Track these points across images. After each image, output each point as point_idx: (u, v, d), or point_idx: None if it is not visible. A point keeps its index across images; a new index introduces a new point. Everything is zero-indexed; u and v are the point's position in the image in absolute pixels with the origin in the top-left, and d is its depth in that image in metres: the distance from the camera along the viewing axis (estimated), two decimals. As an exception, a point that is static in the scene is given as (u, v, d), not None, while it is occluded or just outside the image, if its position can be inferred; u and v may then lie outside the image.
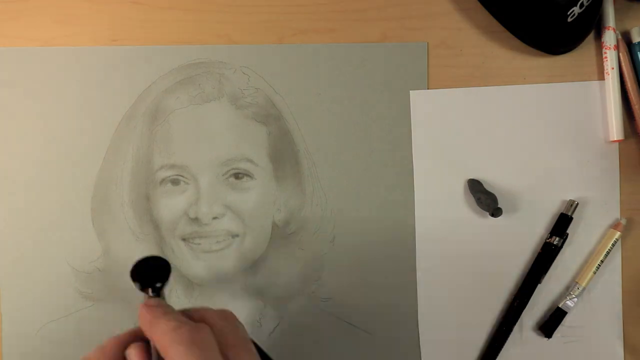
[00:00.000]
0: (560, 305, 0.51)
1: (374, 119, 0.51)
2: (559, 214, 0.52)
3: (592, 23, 0.51)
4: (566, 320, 0.51)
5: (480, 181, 0.51)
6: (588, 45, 0.52)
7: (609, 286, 0.52)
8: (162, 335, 0.32)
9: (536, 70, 0.52)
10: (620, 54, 0.51)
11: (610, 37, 0.51)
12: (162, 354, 0.32)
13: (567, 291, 0.52)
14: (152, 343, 0.34)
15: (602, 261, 0.51)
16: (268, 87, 0.51)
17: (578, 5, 0.48)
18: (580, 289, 0.51)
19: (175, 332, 0.32)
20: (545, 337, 0.51)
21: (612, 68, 0.51)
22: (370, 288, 0.51)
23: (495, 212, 0.50)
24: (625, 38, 0.52)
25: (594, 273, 0.51)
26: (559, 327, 0.51)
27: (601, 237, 0.52)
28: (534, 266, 0.51)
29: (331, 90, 0.51)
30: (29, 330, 0.50)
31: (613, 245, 0.51)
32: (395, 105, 0.52)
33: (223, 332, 0.34)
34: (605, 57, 0.51)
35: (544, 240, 0.51)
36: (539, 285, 0.51)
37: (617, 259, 0.52)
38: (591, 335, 0.52)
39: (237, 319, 0.36)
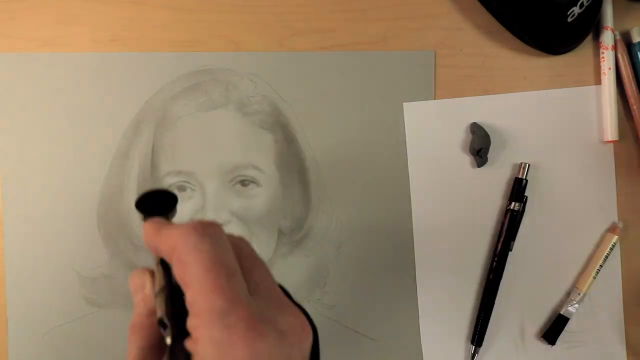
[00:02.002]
0: (562, 312, 0.51)
1: (380, 128, 0.51)
2: (559, 218, 0.52)
3: (592, 23, 0.51)
4: (568, 326, 0.51)
5: (483, 126, 0.51)
6: (588, 45, 0.53)
7: (609, 289, 0.52)
8: (167, 238, 0.28)
9: (536, 70, 0.52)
10: (619, 54, 0.51)
11: (608, 37, 0.51)
12: (170, 260, 0.28)
13: (567, 297, 0.52)
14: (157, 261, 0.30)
15: (601, 266, 0.51)
16: (275, 95, 0.51)
17: (578, 5, 0.48)
18: (581, 294, 0.51)
19: (183, 228, 0.28)
20: (549, 344, 0.51)
21: (609, 68, 0.51)
22: (375, 295, 0.51)
23: (480, 152, 0.51)
24: (625, 38, 0.52)
25: (594, 278, 0.51)
26: (562, 333, 0.51)
27: (599, 240, 0.52)
28: (501, 235, 0.51)
29: (338, 98, 0.51)
30: (34, 335, 0.50)
31: (611, 249, 0.51)
32: (402, 114, 0.52)
33: (238, 244, 0.30)
34: (603, 57, 0.52)
35: (505, 208, 0.51)
36: (539, 289, 0.52)
37: (616, 261, 0.52)
38: (593, 340, 0.52)
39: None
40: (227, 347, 0.24)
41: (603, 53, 0.52)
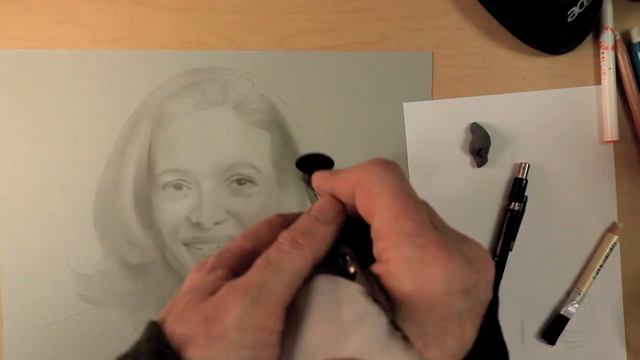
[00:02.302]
0: (561, 312, 0.51)
1: (377, 128, 0.51)
2: (559, 218, 0.52)
3: (592, 23, 0.51)
4: (568, 326, 0.51)
5: (483, 126, 0.51)
6: (588, 45, 0.52)
7: (609, 289, 0.52)
8: (348, 175, 0.30)
9: (536, 70, 0.52)
10: (619, 54, 0.51)
11: (608, 37, 0.51)
12: (349, 195, 0.29)
13: (567, 297, 0.52)
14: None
15: (601, 265, 0.51)
16: (272, 94, 0.51)
17: (578, 5, 0.48)
18: (581, 294, 0.51)
19: (366, 166, 0.29)
20: (549, 344, 0.51)
21: (609, 68, 0.51)
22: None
23: (480, 152, 0.51)
24: (625, 38, 0.52)
25: (594, 278, 0.51)
26: (562, 333, 0.51)
27: (599, 240, 0.52)
28: (501, 235, 0.51)
29: (335, 98, 0.51)
30: (30, 332, 0.50)
31: (611, 249, 0.51)
32: (399, 115, 0.52)
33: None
34: (603, 57, 0.52)
35: (505, 208, 0.51)
36: (539, 289, 0.52)
37: (616, 261, 0.52)
38: (594, 340, 0.52)
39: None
40: (420, 265, 0.25)
41: (603, 53, 0.51)
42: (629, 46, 0.52)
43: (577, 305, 0.51)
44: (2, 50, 0.50)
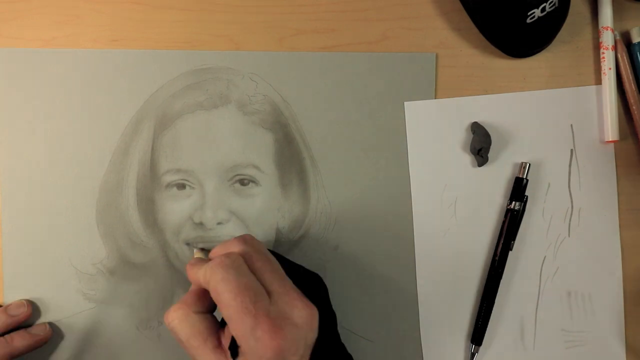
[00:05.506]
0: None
1: (380, 129, 0.51)
2: (559, 218, 0.52)
3: (554, 31, 0.50)
4: (568, 326, 0.51)
5: (483, 126, 0.51)
6: (588, 45, 0.52)
7: (609, 289, 0.52)
8: (199, 273, 0.37)
9: (536, 70, 0.52)
10: (619, 55, 0.51)
11: (608, 38, 0.51)
12: (210, 291, 0.37)
13: (568, 297, 0.52)
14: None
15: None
16: (276, 94, 0.51)
17: (539, 8, 0.48)
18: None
19: (209, 267, 0.36)
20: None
21: (610, 68, 0.51)
22: (373, 296, 0.51)
23: (481, 152, 0.51)
24: (625, 38, 0.52)
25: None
26: (562, 333, 0.51)
27: (600, 240, 0.52)
28: (501, 234, 0.51)
29: (339, 99, 0.51)
30: (32, 331, 0.50)
31: (611, 249, 0.51)
32: (402, 116, 0.52)
33: (248, 255, 0.38)
34: (603, 58, 0.52)
35: (505, 207, 0.51)
36: (539, 289, 0.52)
37: (617, 260, 0.52)
38: (593, 339, 0.52)
39: (255, 240, 0.40)
40: (258, 352, 0.34)
41: (603, 53, 0.52)
42: (629, 46, 0.52)
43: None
44: (5, 49, 0.50)
